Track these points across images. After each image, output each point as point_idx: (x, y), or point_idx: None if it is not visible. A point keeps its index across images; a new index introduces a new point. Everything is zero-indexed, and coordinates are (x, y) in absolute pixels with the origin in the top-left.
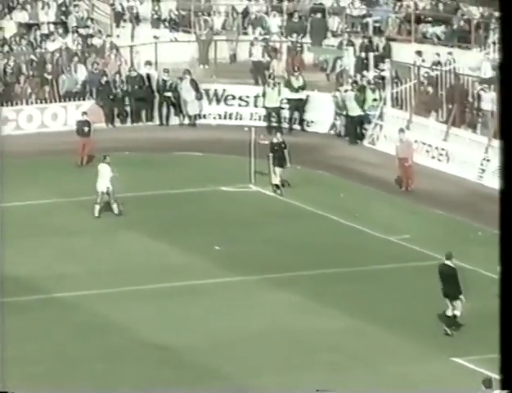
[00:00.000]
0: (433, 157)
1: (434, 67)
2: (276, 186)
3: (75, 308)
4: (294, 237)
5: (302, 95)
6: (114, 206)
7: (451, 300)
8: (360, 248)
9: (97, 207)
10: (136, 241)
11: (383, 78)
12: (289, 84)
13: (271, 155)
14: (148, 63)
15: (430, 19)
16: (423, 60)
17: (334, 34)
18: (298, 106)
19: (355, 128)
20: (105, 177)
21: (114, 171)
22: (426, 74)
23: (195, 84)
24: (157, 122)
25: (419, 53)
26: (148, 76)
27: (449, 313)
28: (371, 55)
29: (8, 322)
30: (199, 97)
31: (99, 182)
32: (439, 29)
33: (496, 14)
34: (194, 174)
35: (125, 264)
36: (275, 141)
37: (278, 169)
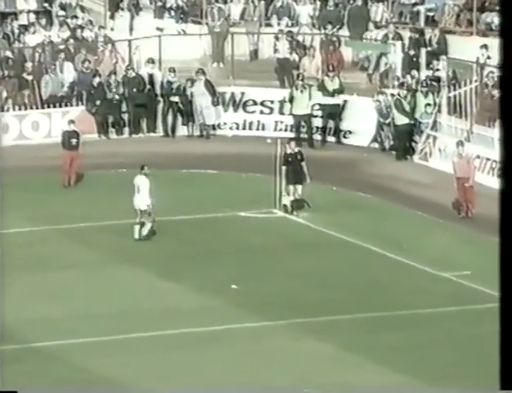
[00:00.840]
0: (500, 176)
1: None
2: (285, 206)
3: (60, 360)
4: (327, 273)
5: (338, 100)
6: (149, 225)
7: None
8: (408, 287)
9: (137, 228)
10: (137, 277)
11: (437, 79)
12: (322, 87)
13: (284, 168)
14: (150, 61)
15: (496, 6)
16: (488, 57)
17: (378, 26)
18: (334, 113)
19: (403, 141)
20: (143, 191)
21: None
22: (491, 74)
23: (210, 87)
24: (161, 133)
25: (485, 47)
26: (150, 77)
27: None
28: (423, 51)
29: None
30: (216, 103)
31: (137, 199)
32: None
33: None
34: (206, 196)
35: (124, 305)
36: (289, 151)
37: (299, 186)
